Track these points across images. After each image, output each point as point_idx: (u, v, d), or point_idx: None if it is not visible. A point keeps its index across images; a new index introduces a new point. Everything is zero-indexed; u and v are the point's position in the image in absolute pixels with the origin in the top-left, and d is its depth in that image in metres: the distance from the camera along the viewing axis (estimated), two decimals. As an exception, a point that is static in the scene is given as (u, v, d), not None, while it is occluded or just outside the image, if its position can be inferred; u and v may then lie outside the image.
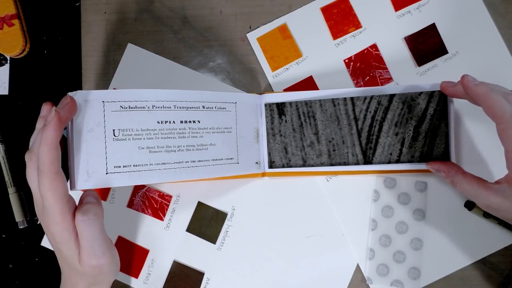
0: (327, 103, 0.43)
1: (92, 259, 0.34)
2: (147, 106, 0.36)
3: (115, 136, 0.35)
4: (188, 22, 0.48)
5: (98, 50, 0.48)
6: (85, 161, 0.33)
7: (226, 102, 0.42)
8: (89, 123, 0.34)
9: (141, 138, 0.36)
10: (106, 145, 0.34)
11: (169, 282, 0.46)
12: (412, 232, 0.45)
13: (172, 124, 0.38)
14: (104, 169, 0.34)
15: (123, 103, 0.35)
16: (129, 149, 0.35)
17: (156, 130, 0.37)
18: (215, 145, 0.40)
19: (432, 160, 0.41)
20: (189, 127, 0.39)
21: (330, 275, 0.45)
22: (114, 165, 0.34)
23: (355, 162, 0.43)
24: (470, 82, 0.35)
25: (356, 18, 0.47)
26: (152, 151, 0.36)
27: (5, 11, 0.46)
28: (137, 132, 0.36)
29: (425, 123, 0.41)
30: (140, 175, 0.35)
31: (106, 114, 0.35)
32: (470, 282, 0.44)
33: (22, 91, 0.49)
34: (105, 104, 0.35)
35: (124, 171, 0.35)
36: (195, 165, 0.39)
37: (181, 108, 0.38)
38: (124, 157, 0.35)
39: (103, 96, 0.35)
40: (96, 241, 0.34)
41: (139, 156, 0.36)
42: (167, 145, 0.37)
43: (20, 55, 0.48)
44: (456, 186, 0.37)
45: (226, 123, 0.42)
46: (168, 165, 0.37)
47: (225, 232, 0.46)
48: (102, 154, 0.34)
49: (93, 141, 0.34)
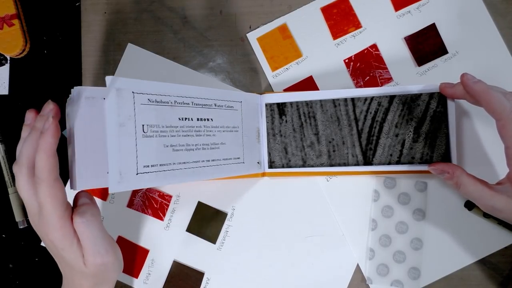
0: (327, 103, 0.43)
1: (97, 258, 0.34)
2: (170, 101, 0.34)
3: (144, 132, 0.32)
4: (188, 22, 0.48)
5: (98, 50, 0.48)
6: (118, 160, 0.30)
7: (233, 101, 0.41)
8: (121, 116, 0.31)
9: (165, 135, 0.34)
10: (136, 142, 0.31)
11: (169, 282, 0.46)
12: (412, 232, 0.45)
13: (190, 122, 0.36)
14: (134, 169, 0.31)
15: (151, 96, 0.33)
16: (156, 147, 0.33)
17: (177, 127, 0.35)
18: (225, 144, 0.39)
19: (432, 162, 0.41)
20: (204, 125, 0.37)
21: (330, 275, 0.45)
22: (144, 164, 0.32)
23: (355, 163, 0.43)
24: (469, 80, 0.35)
25: (356, 18, 0.47)
26: (175, 150, 0.34)
27: (5, 11, 0.46)
28: (163, 129, 0.33)
29: (425, 124, 0.41)
30: (165, 175, 0.33)
31: (136, 107, 0.31)
32: (470, 282, 0.44)
33: (22, 91, 0.49)
34: (135, 96, 0.32)
35: (152, 171, 0.32)
36: (209, 165, 0.37)
37: (197, 105, 0.37)
38: (152, 155, 0.32)
39: (133, 86, 0.32)
40: (98, 239, 0.34)
41: (164, 154, 0.33)
42: (187, 143, 0.35)
43: (20, 55, 0.48)
44: (460, 187, 0.36)
45: (234, 122, 0.41)
46: (188, 164, 0.35)
47: (225, 232, 0.46)
48: (133, 152, 0.31)
49: (125, 137, 0.31)
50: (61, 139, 0.32)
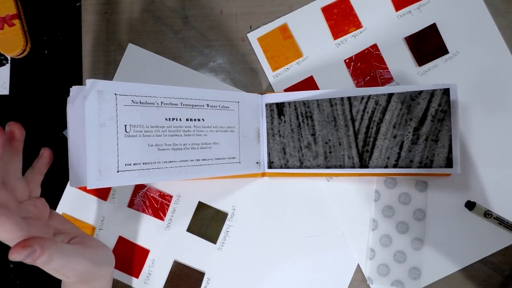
0: (324, 103, 0.42)
1: (73, 277, 0.32)
2: (156, 102, 0.36)
3: (126, 132, 0.34)
4: (189, 22, 0.48)
5: (99, 50, 0.48)
6: (97, 158, 0.32)
7: (229, 101, 0.42)
8: (101, 117, 0.32)
9: (150, 135, 0.35)
10: (118, 141, 0.33)
11: (170, 282, 0.46)
12: (412, 232, 0.45)
13: (178, 122, 0.37)
14: (115, 167, 0.33)
15: (135, 98, 0.34)
16: (139, 146, 0.34)
17: (164, 127, 0.36)
18: (218, 144, 0.40)
19: (433, 166, 0.39)
20: (194, 125, 0.38)
21: (331, 275, 0.45)
22: (125, 162, 0.33)
23: (351, 165, 0.42)
24: None
25: (356, 18, 0.47)
26: (161, 149, 0.36)
27: (5, 11, 0.47)
28: (147, 128, 0.35)
29: (426, 125, 0.39)
30: (149, 173, 0.35)
31: (118, 108, 0.33)
32: (471, 282, 0.44)
33: (23, 91, 0.49)
34: (117, 97, 0.33)
35: (134, 169, 0.34)
36: (199, 164, 0.39)
37: (187, 105, 0.38)
38: (135, 154, 0.34)
39: (116, 88, 0.33)
40: (63, 268, 0.31)
41: (148, 153, 0.35)
42: (174, 142, 0.37)
43: (21, 55, 0.48)
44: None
45: (229, 122, 0.41)
46: (175, 163, 0.37)
47: (226, 232, 0.46)
48: (114, 151, 0.33)
49: (105, 136, 0.32)
50: (61, 139, 0.32)
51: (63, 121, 0.47)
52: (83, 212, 0.47)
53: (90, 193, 0.47)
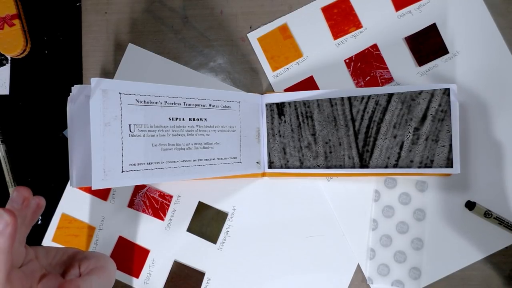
0: (324, 103, 0.42)
1: None
2: (160, 101, 0.35)
3: (131, 131, 0.33)
4: (189, 22, 0.48)
5: (99, 50, 0.48)
6: (102, 158, 0.31)
7: (231, 101, 0.42)
8: (106, 116, 0.32)
9: (154, 135, 0.35)
10: (122, 141, 0.32)
11: (170, 282, 0.46)
12: (412, 232, 0.45)
13: (182, 122, 0.37)
14: (120, 167, 0.32)
15: (139, 97, 0.34)
16: (143, 146, 0.34)
17: (167, 127, 0.36)
18: (220, 144, 0.40)
19: (433, 166, 0.39)
20: (197, 125, 0.38)
21: (331, 275, 0.45)
22: (130, 162, 0.33)
23: (351, 165, 0.42)
24: None
25: (356, 18, 0.47)
26: (164, 149, 0.35)
27: (6, 11, 0.46)
28: (151, 128, 0.35)
29: (426, 125, 0.39)
30: (153, 173, 0.34)
31: (123, 108, 0.33)
32: (471, 282, 0.44)
33: (23, 91, 0.49)
34: (122, 97, 0.33)
35: (138, 169, 0.33)
36: (202, 164, 0.38)
37: (190, 105, 0.38)
38: (139, 154, 0.34)
39: (120, 87, 0.33)
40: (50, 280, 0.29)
41: (152, 153, 0.35)
42: (177, 142, 0.36)
43: (21, 55, 0.48)
44: None
45: (230, 122, 0.41)
46: (178, 163, 0.36)
47: (226, 232, 0.46)
48: (118, 150, 0.32)
49: (110, 136, 0.32)
50: (61, 139, 0.32)
51: (63, 121, 0.47)
52: (83, 212, 0.47)
53: (90, 193, 0.47)
